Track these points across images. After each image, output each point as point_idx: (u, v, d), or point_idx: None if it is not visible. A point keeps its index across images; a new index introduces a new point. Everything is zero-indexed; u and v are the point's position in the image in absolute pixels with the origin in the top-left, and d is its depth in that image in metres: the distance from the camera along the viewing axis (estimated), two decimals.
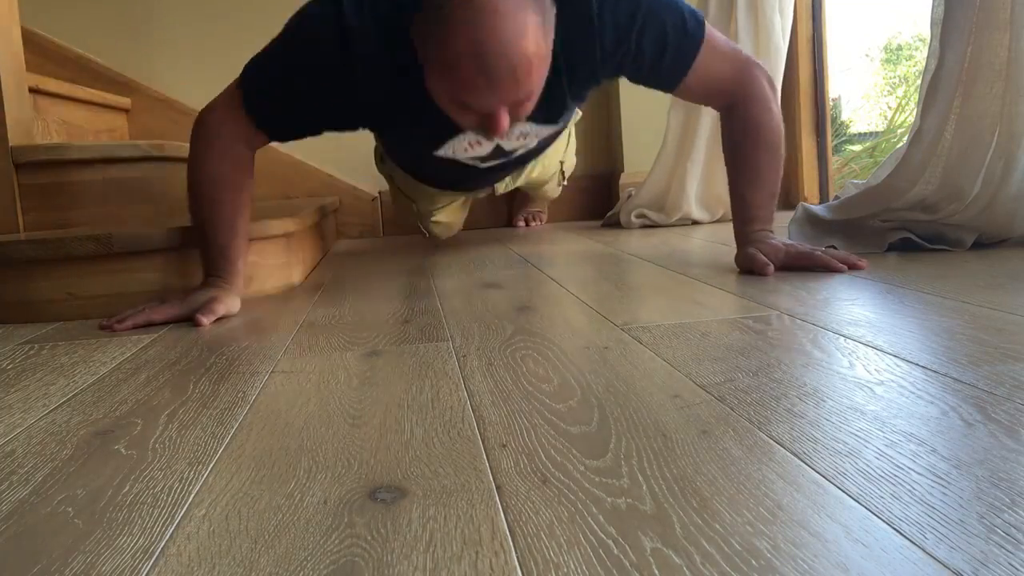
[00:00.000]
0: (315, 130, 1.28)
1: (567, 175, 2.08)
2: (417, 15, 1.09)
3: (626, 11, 1.19)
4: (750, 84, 1.27)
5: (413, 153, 1.58)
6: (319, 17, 1.17)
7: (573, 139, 2.02)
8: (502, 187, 1.84)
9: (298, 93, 1.20)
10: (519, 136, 1.41)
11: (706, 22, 1.25)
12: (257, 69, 1.22)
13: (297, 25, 1.20)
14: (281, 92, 1.20)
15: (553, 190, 2.11)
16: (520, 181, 1.86)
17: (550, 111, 1.33)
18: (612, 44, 1.21)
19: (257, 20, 2.42)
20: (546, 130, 1.43)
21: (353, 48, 1.15)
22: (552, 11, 1.09)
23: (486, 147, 1.42)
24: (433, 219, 1.91)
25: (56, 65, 2.18)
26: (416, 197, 1.85)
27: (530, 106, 1.12)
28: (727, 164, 1.32)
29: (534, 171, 1.85)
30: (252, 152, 1.25)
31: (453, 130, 1.33)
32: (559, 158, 1.95)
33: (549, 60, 1.10)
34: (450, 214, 1.94)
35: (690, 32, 1.22)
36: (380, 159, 1.86)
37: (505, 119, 1.09)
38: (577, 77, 1.27)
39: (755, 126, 1.27)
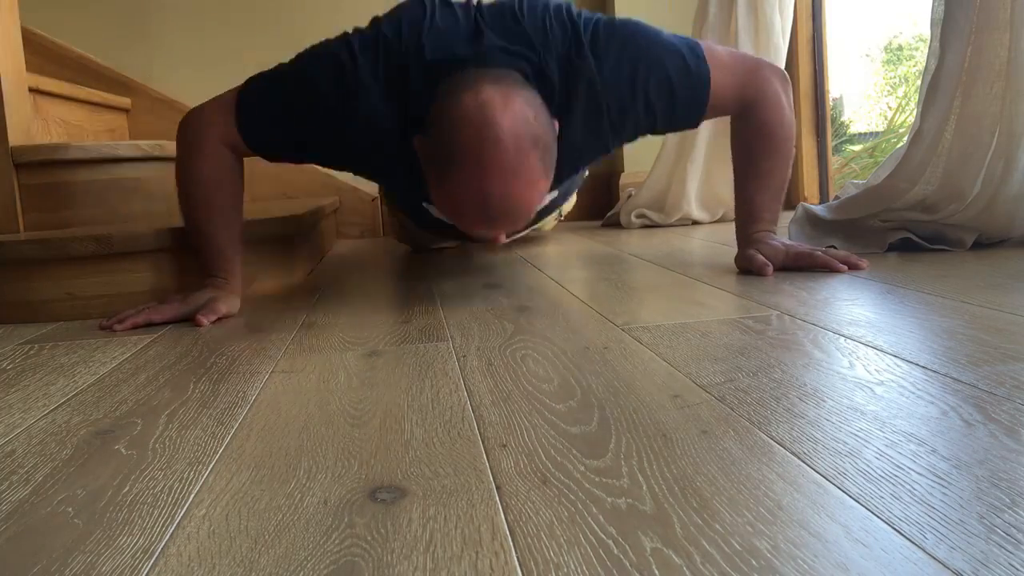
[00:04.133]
0: (300, 160, 1.26)
1: (564, 214, 2.06)
2: (420, 137, 1.06)
3: (627, 79, 1.15)
4: (761, 87, 1.25)
5: (409, 208, 1.57)
6: (333, 62, 1.13)
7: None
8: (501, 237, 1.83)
9: (291, 126, 1.17)
10: None
11: (703, 45, 1.21)
12: (259, 89, 1.19)
13: (310, 60, 1.17)
14: (275, 119, 1.18)
15: (548, 228, 2.10)
16: (515, 234, 1.84)
17: (555, 189, 1.32)
18: (619, 118, 1.18)
19: (257, 21, 2.43)
20: (548, 198, 1.42)
21: (357, 103, 1.12)
22: (553, 129, 1.07)
23: None
24: (429, 246, 1.92)
25: (56, 65, 2.18)
26: (410, 226, 1.86)
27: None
28: (735, 163, 1.30)
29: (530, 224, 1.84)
30: (240, 156, 1.23)
31: None
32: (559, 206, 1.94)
33: (550, 184, 1.08)
34: (442, 239, 1.95)
35: (694, 72, 1.18)
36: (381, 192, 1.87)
37: (502, 238, 1.09)
38: (586, 158, 1.27)
39: (767, 128, 1.25)
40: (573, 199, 2.06)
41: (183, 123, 1.21)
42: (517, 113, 0.98)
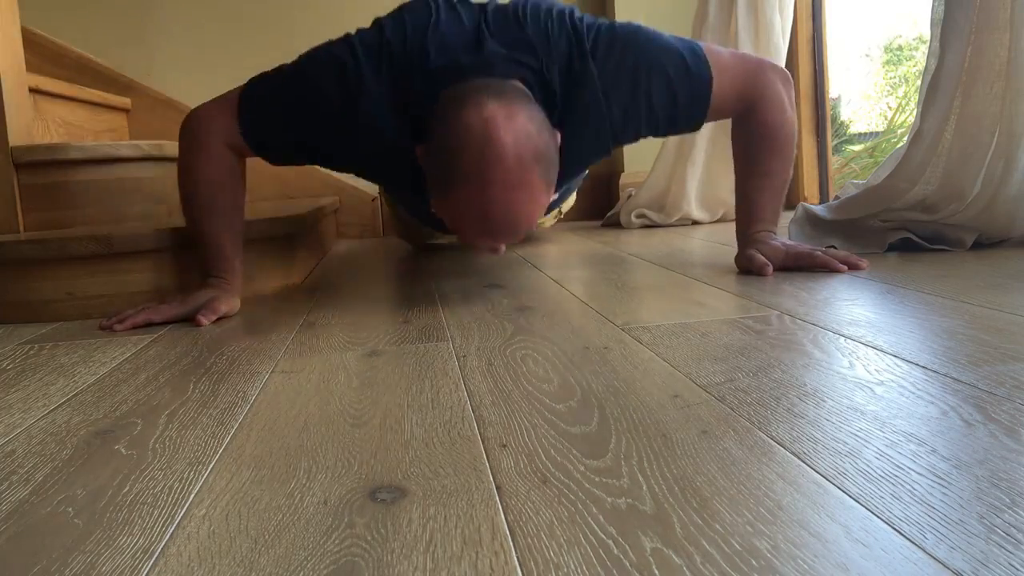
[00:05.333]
0: (302, 162, 1.25)
1: (564, 212, 2.05)
2: (422, 146, 1.06)
3: (628, 81, 1.15)
4: (763, 88, 1.24)
5: (411, 206, 1.58)
6: (335, 65, 1.12)
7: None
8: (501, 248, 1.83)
9: (293, 128, 1.16)
10: None
11: (704, 47, 1.21)
12: (260, 90, 1.18)
13: (311, 62, 1.15)
14: (277, 120, 1.17)
15: (547, 222, 2.10)
16: None
17: (556, 192, 1.33)
18: (622, 122, 1.17)
19: (257, 20, 2.43)
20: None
21: (359, 107, 1.11)
22: (555, 142, 1.06)
23: None
24: (429, 241, 1.93)
25: (56, 65, 2.18)
26: (413, 228, 1.86)
27: None
28: (736, 162, 1.30)
29: None
30: (242, 157, 1.22)
31: None
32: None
33: (552, 197, 1.08)
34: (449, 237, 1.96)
35: (695, 74, 1.17)
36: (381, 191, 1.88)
37: (502, 249, 1.09)
38: (587, 162, 1.27)
39: (768, 129, 1.24)
40: (573, 198, 2.06)
41: (185, 123, 1.20)
42: (519, 129, 0.98)
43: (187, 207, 1.21)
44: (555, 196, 1.45)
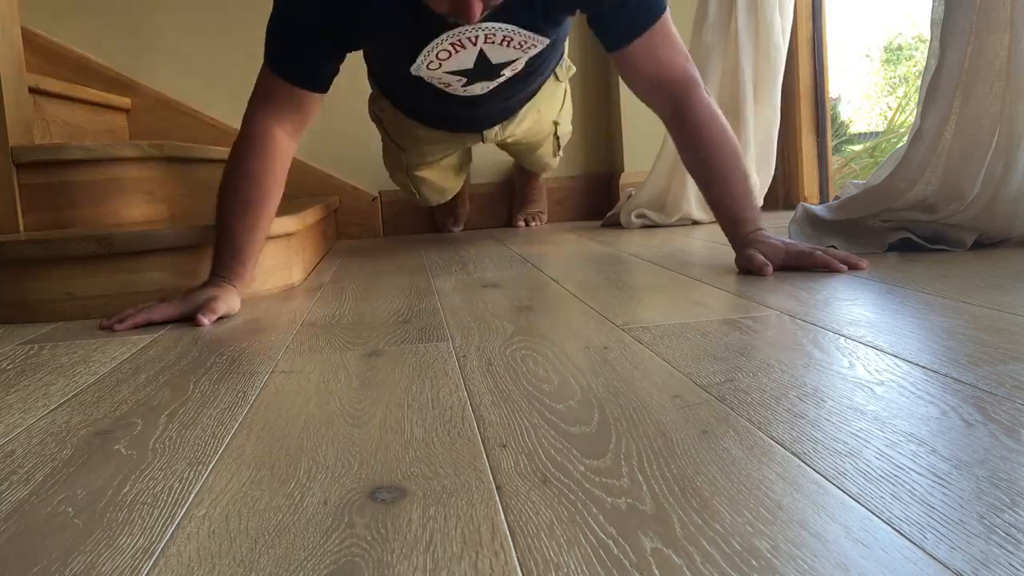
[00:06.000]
0: (336, 57, 1.32)
1: (562, 143, 2.03)
2: None
3: None
4: (694, 87, 1.30)
5: (395, 70, 1.58)
6: None
7: (569, 103, 1.98)
8: (491, 135, 1.82)
9: (306, 29, 1.25)
10: (503, 40, 1.41)
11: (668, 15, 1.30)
12: (269, 33, 1.27)
13: None
14: (295, 37, 1.26)
15: (548, 157, 2.06)
16: (510, 131, 1.83)
17: (531, 17, 1.37)
18: None
19: (258, 20, 2.42)
20: (530, 39, 1.43)
21: None
22: None
23: (470, 53, 1.43)
24: (419, 173, 1.91)
25: (56, 65, 2.18)
26: (404, 144, 1.84)
27: None
28: (693, 176, 1.34)
29: (524, 121, 1.82)
30: (294, 135, 1.29)
31: (431, 32, 1.37)
32: (552, 116, 1.91)
33: None
34: (439, 173, 1.93)
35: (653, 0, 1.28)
36: (372, 99, 1.87)
37: (476, 4, 1.14)
38: (561, 10, 1.34)
39: (708, 132, 1.28)
40: (569, 127, 2.04)
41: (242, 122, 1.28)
42: None
43: (221, 200, 1.24)
44: (539, 47, 1.48)
